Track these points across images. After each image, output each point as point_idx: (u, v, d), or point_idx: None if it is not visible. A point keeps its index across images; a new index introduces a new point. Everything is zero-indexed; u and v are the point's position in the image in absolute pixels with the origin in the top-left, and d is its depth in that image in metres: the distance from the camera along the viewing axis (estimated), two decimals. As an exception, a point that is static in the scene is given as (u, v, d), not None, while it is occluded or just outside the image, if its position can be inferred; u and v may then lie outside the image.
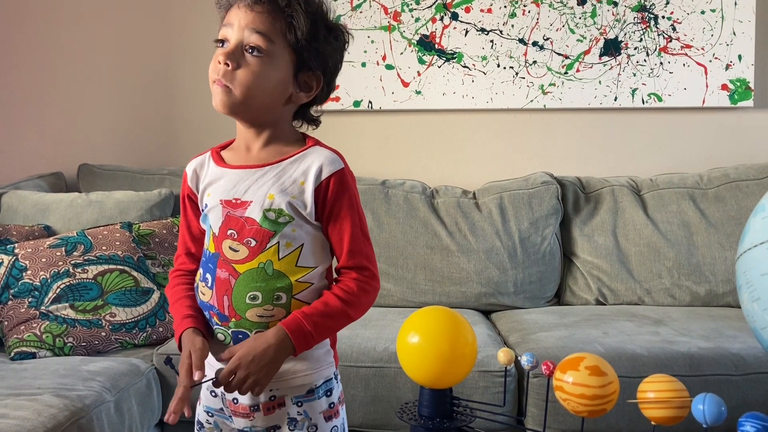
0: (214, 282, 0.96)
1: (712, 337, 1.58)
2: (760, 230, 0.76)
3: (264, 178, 0.96)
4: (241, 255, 0.95)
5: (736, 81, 2.25)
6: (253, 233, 0.94)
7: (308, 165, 0.96)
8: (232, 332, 0.96)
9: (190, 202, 1.03)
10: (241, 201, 0.95)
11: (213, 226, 0.97)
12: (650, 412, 0.75)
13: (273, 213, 0.94)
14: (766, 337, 0.77)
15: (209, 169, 1.00)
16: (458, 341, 0.89)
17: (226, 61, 0.94)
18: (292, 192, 0.95)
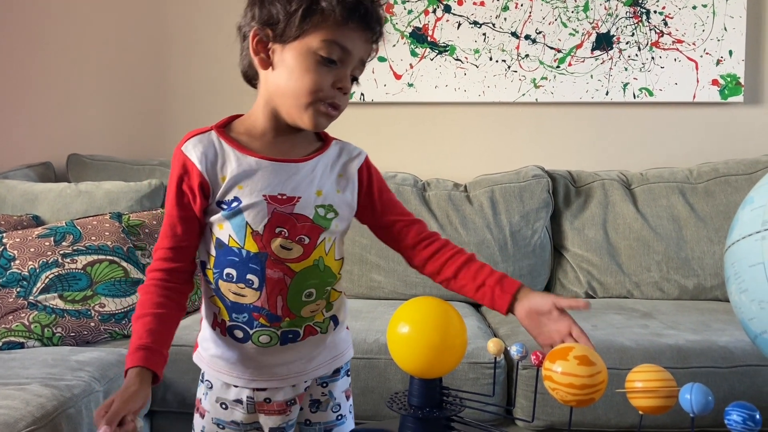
0: (264, 283, 0.89)
1: (699, 330, 1.59)
2: (749, 222, 0.77)
3: (310, 173, 0.92)
4: (295, 253, 0.90)
5: (727, 76, 2.26)
6: (306, 230, 0.91)
7: (343, 158, 0.97)
8: (282, 332, 0.93)
9: (200, 192, 0.89)
10: (288, 197, 0.90)
11: (253, 224, 0.88)
12: (638, 401, 0.75)
13: (324, 209, 0.92)
14: (754, 328, 0.78)
15: (230, 157, 0.90)
16: (449, 331, 0.89)
17: (346, 91, 0.90)
18: (337, 186, 0.95)
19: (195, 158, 0.89)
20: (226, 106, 2.41)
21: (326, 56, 0.87)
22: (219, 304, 0.93)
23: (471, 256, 0.99)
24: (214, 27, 2.39)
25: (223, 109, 2.59)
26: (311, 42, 0.86)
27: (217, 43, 2.39)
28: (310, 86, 0.87)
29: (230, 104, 2.40)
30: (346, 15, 0.86)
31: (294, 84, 0.88)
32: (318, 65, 0.87)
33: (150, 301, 0.90)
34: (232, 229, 0.89)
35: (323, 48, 0.86)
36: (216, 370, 0.97)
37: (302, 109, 0.89)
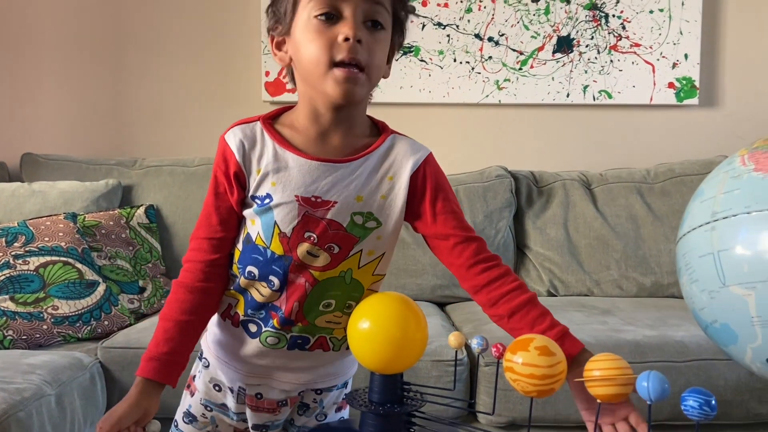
0: (285, 286, 0.86)
1: (656, 325, 1.63)
2: (698, 214, 0.78)
3: (351, 176, 0.85)
4: (321, 261, 0.85)
5: (683, 79, 2.32)
6: (338, 239, 0.85)
7: (395, 157, 0.87)
8: (291, 337, 0.89)
9: (236, 181, 0.85)
10: (323, 200, 0.83)
11: (281, 225, 0.84)
12: (596, 390, 0.76)
13: (361, 217, 0.85)
14: (705, 317, 0.79)
15: (268, 149, 0.85)
16: (409, 326, 0.88)
17: (357, 37, 0.79)
18: (382, 191, 0.86)
19: (234, 146, 0.85)
20: (185, 104, 2.37)
21: (320, 14, 0.80)
22: (239, 297, 0.90)
23: (531, 297, 0.86)
24: (172, 24, 2.35)
25: (181, 107, 2.56)
26: (302, 12, 0.82)
27: (174, 40, 2.35)
28: (315, 52, 0.80)
29: (188, 102, 2.37)
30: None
31: (305, 61, 0.82)
32: (317, 28, 0.80)
33: (180, 306, 0.87)
34: (261, 227, 0.85)
35: (314, 7, 0.80)
36: (215, 355, 0.94)
37: (321, 82, 0.81)
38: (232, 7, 2.34)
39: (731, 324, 0.75)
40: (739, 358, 0.78)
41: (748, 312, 0.72)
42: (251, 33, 2.34)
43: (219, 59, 2.36)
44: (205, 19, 2.34)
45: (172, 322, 0.87)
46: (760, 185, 0.73)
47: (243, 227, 0.89)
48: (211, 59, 2.35)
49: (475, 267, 0.87)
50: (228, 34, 2.35)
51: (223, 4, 2.34)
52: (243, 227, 0.89)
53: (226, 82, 2.36)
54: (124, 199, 2.09)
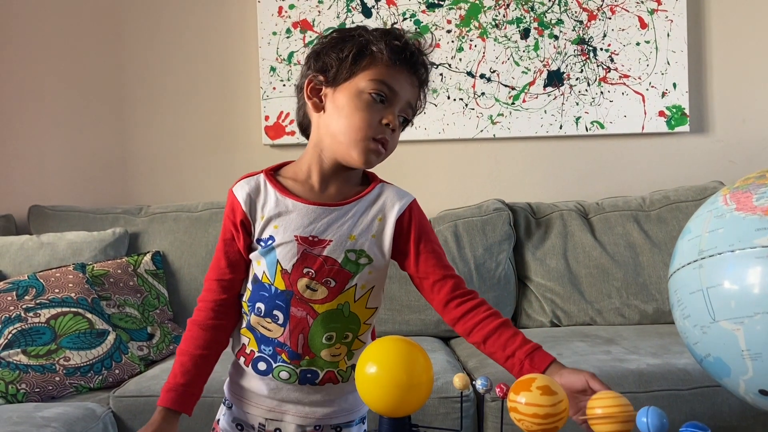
0: (288, 320, 0.94)
1: (659, 353, 1.65)
2: (687, 252, 0.82)
3: (344, 217, 0.95)
4: (320, 295, 0.94)
5: (672, 108, 2.38)
6: (333, 273, 0.94)
7: (383, 201, 0.98)
8: (301, 371, 0.96)
9: (242, 228, 0.96)
10: (319, 239, 0.94)
11: (282, 262, 0.93)
12: (599, 427, 0.78)
13: (354, 254, 0.95)
14: (699, 351, 0.82)
15: (271, 198, 0.96)
16: (415, 369, 0.91)
17: (394, 127, 0.93)
18: (372, 230, 0.96)
19: (240, 198, 0.96)
20: (187, 150, 2.43)
21: (375, 93, 0.92)
22: (249, 335, 0.98)
23: (504, 322, 0.95)
24: (175, 74, 2.42)
25: (184, 154, 2.62)
26: (360, 82, 0.92)
27: (178, 90, 2.42)
28: (360, 122, 0.92)
29: (190, 149, 2.43)
30: (393, 57, 0.92)
31: (345, 122, 0.93)
32: (367, 104, 0.92)
33: (194, 342, 0.98)
34: (266, 266, 0.95)
35: (372, 86, 0.92)
36: (237, 396, 1.02)
37: (352, 146, 0.92)
38: (233, 55, 2.42)
39: (723, 358, 0.78)
40: (733, 390, 0.81)
41: (738, 346, 0.75)
42: (250, 79, 2.41)
43: (220, 106, 2.42)
44: (206, 67, 2.42)
45: (188, 356, 0.97)
46: (742, 224, 0.76)
47: (249, 270, 0.98)
48: (212, 106, 2.42)
49: (452, 302, 0.97)
50: (228, 81, 2.42)
51: (223, 53, 2.42)
52: (249, 270, 0.98)
53: (227, 127, 2.43)
54: (131, 247, 2.13)
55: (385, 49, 0.92)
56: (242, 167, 2.42)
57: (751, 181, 0.82)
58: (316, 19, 2.38)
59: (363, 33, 0.95)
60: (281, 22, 2.38)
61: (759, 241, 0.74)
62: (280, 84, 2.38)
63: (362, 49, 0.93)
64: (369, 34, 0.95)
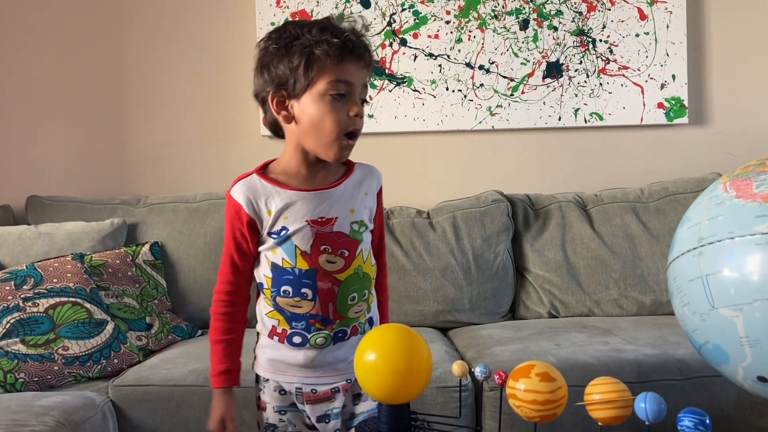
0: (317, 294, 1.07)
1: (657, 344, 1.65)
2: (686, 239, 0.82)
3: (342, 196, 1.09)
4: (338, 266, 1.07)
5: (671, 99, 2.38)
6: (345, 245, 1.08)
7: (363, 178, 1.12)
8: (334, 333, 1.09)
9: (249, 228, 1.08)
10: (326, 218, 1.07)
11: (301, 245, 1.06)
12: (597, 413, 0.79)
13: (357, 224, 1.09)
14: (697, 339, 0.83)
15: (272, 194, 1.07)
16: (414, 357, 0.91)
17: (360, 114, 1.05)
18: (365, 203, 1.11)
19: (242, 201, 1.07)
20: (185, 141, 2.42)
21: (335, 93, 1.02)
22: (278, 317, 1.10)
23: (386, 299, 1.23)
24: (173, 65, 2.41)
25: (182, 145, 2.61)
26: (319, 87, 1.02)
27: (176, 81, 2.41)
28: (331, 124, 1.03)
29: (189, 140, 2.42)
30: (339, 54, 1.01)
31: (318, 127, 1.04)
32: (331, 104, 1.03)
33: (221, 329, 1.11)
34: (284, 253, 1.07)
35: (331, 88, 1.02)
36: (272, 371, 1.13)
37: (328, 147, 1.05)
38: (231, 46, 2.41)
39: (722, 345, 0.79)
40: (732, 377, 0.81)
41: (737, 333, 0.76)
42: (248, 71, 2.38)
43: (218, 97, 2.41)
44: (204, 58, 2.41)
45: (219, 344, 1.12)
46: (742, 211, 0.77)
47: (259, 262, 1.11)
48: (210, 97, 2.41)
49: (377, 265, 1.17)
50: (226, 73, 2.41)
51: (222, 43, 2.41)
52: (259, 262, 1.11)
53: (225, 119, 2.42)
54: (129, 237, 2.13)
55: (330, 50, 1.01)
56: (240, 158, 2.42)
57: (750, 168, 0.82)
58: (315, 10, 2.37)
59: (302, 34, 1.03)
60: (279, 12, 2.37)
61: (759, 228, 0.74)
62: (279, 75, 2.37)
63: (309, 56, 1.02)
64: (308, 34, 1.03)
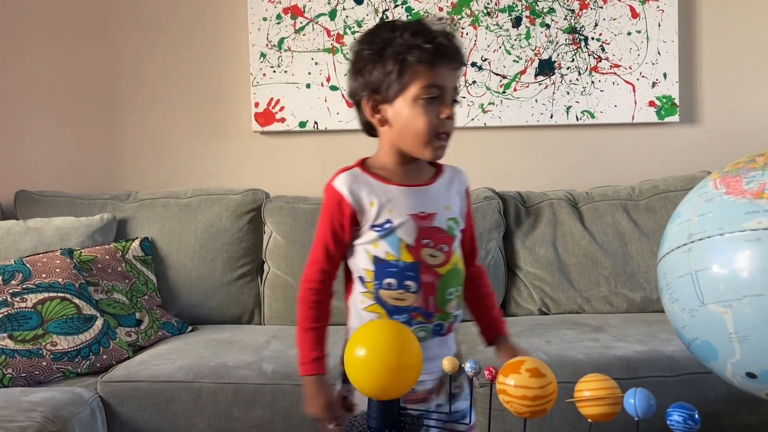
0: (420, 287, 1.08)
1: (647, 340, 1.66)
2: (676, 236, 0.82)
3: (438, 193, 1.12)
4: (439, 260, 1.09)
5: (663, 98, 2.39)
6: (444, 240, 1.10)
7: (452, 178, 1.16)
8: (433, 327, 1.10)
9: (351, 220, 1.09)
10: (427, 214, 1.09)
11: (405, 238, 1.08)
12: (587, 409, 0.79)
13: (452, 221, 1.12)
14: (687, 335, 0.83)
15: (375, 188, 1.09)
16: (404, 352, 0.91)
17: (451, 116, 1.07)
18: (457, 201, 1.14)
19: (345, 193, 1.09)
20: (177, 137, 2.41)
21: (428, 98, 1.05)
22: (379, 310, 1.10)
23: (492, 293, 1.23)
24: (164, 60, 2.40)
25: (173, 140, 2.60)
26: (412, 91, 1.05)
27: (167, 76, 2.40)
28: (425, 127, 1.05)
29: (180, 135, 2.41)
30: (432, 59, 1.04)
31: (412, 129, 1.06)
32: (424, 108, 1.05)
33: (311, 317, 1.13)
34: (388, 246, 1.08)
35: (424, 92, 1.04)
36: None
37: (423, 147, 1.07)
38: (222, 41, 2.39)
39: (711, 341, 0.79)
40: (721, 373, 0.82)
41: (726, 329, 0.76)
42: (240, 66, 2.39)
43: (209, 92, 2.40)
44: (195, 52, 2.39)
45: (311, 331, 1.13)
46: (732, 208, 0.77)
47: (364, 254, 1.10)
48: (202, 92, 2.40)
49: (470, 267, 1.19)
50: (218, 67, 2.40)
51: (213, 38, 2.39)
52: (364, 254, 1.10)
53: (217, 114, 2.41)
54: (119, 233, 2.11)
55: (423, 55, 1.03)
56: (232, 154, 2.41)
57: (741, 165, 0.82)
58: (307, 5, 2.36)
59: (394, 39, 1.05)
60: (271, 7, 2.36)
61: (748, 224, 0.75)
62: (270, 70, 2.36)
63: (402, 62, 1.04)
64: (400, 38, 1.05)
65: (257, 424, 1.52)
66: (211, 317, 2.09)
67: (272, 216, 2.16)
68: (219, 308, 2.10)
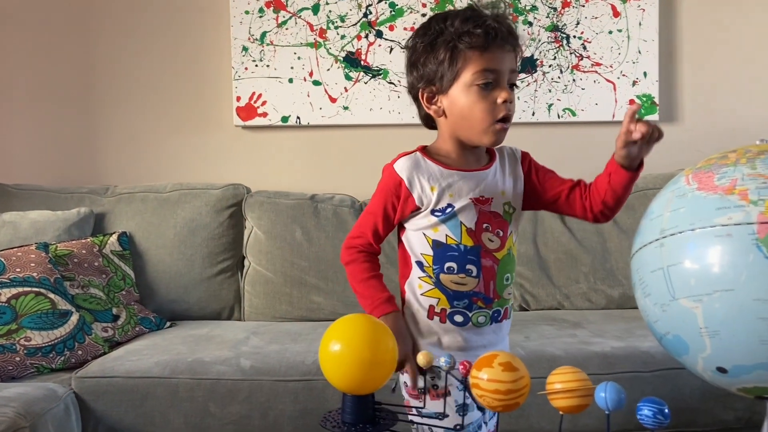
0: (481, 271, 1.08)
1: (624, 336, 1.67)
2: (649, 231, 0.83)
3: (494, 177, 1.12)
4: (496, 245, 1.10)
5: (643, 96, 2.40)
6: (500, 225, 1.11)
7: (506, 161, 1.15)
8: (493, 312, 1.11)
9: (404, 201, 1.09)
10: (485, 198, 1.10)
11: (466, 222, 1.08)
12: (558, 402, 0.79)
13: (508, 206, 1.12)
14: (658, 329, 0.84)
15: (435, 172, 1.09)
16: (379, 347, 0.91)
17: (510, 99, 1.05)
18: (513, 185, 1.13)
19: (405, 176, 1.09)
20: (156, 130, 2.38)
21: (483, 83, 1.03)
22: (439, 295, 1.10)
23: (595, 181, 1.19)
24: (145, 53, 2.37)
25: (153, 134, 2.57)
26: (466, 78, 1.04)
27: (147, 69, 2.37)
28: (481, 113, 1.04)
29: (160, 128, 2.38)
30: (483, 44, 1.02)
31: (469, 117, 1.06)
32: (479, 94, 1.04)
33: (367, 269, 1.13)
34: (448, 230, 1.08)
35: (477, 78, 1.03)
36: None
37: (483, 134, 1.06)
38: (204, 34, 2.37)
39: (682, 335, 0.79)
40: (692, 368, 0.82)
41: (696, 323, 0.76)
42: (222, 59, 2.37)
43: (190, 86, 2.38)
44: (176, 45, 2.37)
45: (371, 279, 1.13)
46: (703, 203, 0.77)
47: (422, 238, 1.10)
48: (182, 86, 2.37)
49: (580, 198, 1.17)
50: (199, 61, 2.38)
51: (194, 31, 2.37)
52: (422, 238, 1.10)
53: (197, 108, 2.38)
54: (97, 227, 2.09)
55: (473, 41, 1.02)
56: (213, 148, 2.39)
57: (713, 161, 0.83)
58: None
59: (445, 28, 1.05)
60: (254, 1, 2.34)
61: (719, 219, 0.75)
62: (252, 64, 2.34)
63: (453, 49, 1.03)
64: (451, 27, 1.04)
65: (234, 420, 1.51)
66: (190, 313, 2.07)
67: (253, 211, 2.15)
68: (198, 304, 2.08)
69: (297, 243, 2.09)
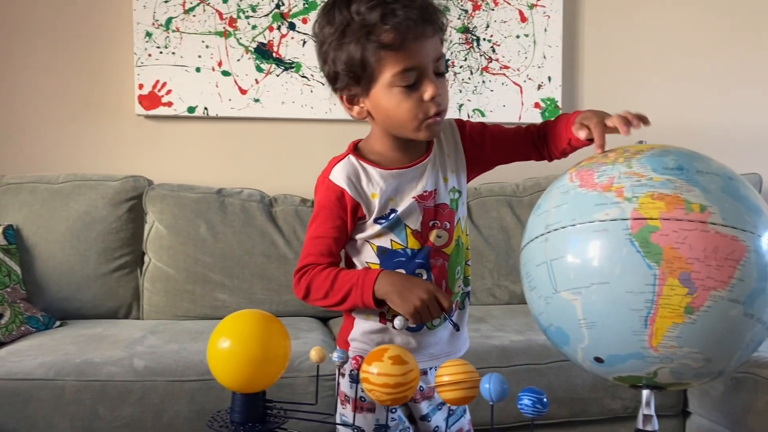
0: (431, 272, 1.02)
1: (523, 330, 1.73)
2: (536, 226, 0.85)
3: (433, 167, 1.03)
4: (444, 240, 1.03)
5: (547, 100, 2.50)
6: (448, 217, 1.04)
7: (442, 141, 1.06)
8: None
9: (352, 213, 1.01)
10: (428, 192, 1.02)
11: (411, 225, 1.01)
12: (446, 394, 0.80)
13: (452, 192, 1.05)
14: (543, 321, 0.86)
15: (375, 176, 1.01)
16: (270, 343, 0.89)
17: (438, 93, 0.94)
18: (452, 166, 1.05)
19: (345, 185, 1.00)
20: (48, 116, 2.23)
21: (405, 84, 0.93)
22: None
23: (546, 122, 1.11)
24: (38, 32, 2.21)
25: (44, 120, 2.42)
26: (385, 79, 0.93)
27: (40, 50, 2.22)
28: (407, 113, 0.95)
29: (52, 114, 2.23)
30: (395, 41, 0.90)
31: (395, 117, 0.96)
32: (403, 94, 0.94)
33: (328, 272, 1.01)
34: (393, 235, 1.02)
35: (397, 80, 0.93)
36: None
37: (415, 131, 0.97)
38: (103, 16, 2.25)
39: (563, 327, 0.82)
40: (573, 358, 0.86)
41: (576, 315, 0.79)
42: (123, 44, 2.25)
43: (87, 71, 2.24)
44: (73, 27, 2.23)
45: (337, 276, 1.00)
46: (583, 200, 0.80)
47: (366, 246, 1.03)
48: (79, 70, 2.24)
49: (533, 142, 1.10)
50: (98, 45, 2.25)
51: (95, 14, 2.24)
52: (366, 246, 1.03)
53: (95, 94, 2.25)
54: None
55: (385, 39, 0.90)
56: (112, 138, 2.27)
57: (594, 160, 0.87)
58: (198, -14, 2.26)
59: (351, 16, 0.91)
60: (159, -16, 2.24)
61: (597, 215, 0.78)
62: (157, 51, 2.24)
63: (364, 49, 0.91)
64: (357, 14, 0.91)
65: (125, 423, 1.44)
66: (84, 312, 1.96)
67: (154, 205, 2.06)
68: (92, 302, 1.97)
69: (201, 238, 2.02)
